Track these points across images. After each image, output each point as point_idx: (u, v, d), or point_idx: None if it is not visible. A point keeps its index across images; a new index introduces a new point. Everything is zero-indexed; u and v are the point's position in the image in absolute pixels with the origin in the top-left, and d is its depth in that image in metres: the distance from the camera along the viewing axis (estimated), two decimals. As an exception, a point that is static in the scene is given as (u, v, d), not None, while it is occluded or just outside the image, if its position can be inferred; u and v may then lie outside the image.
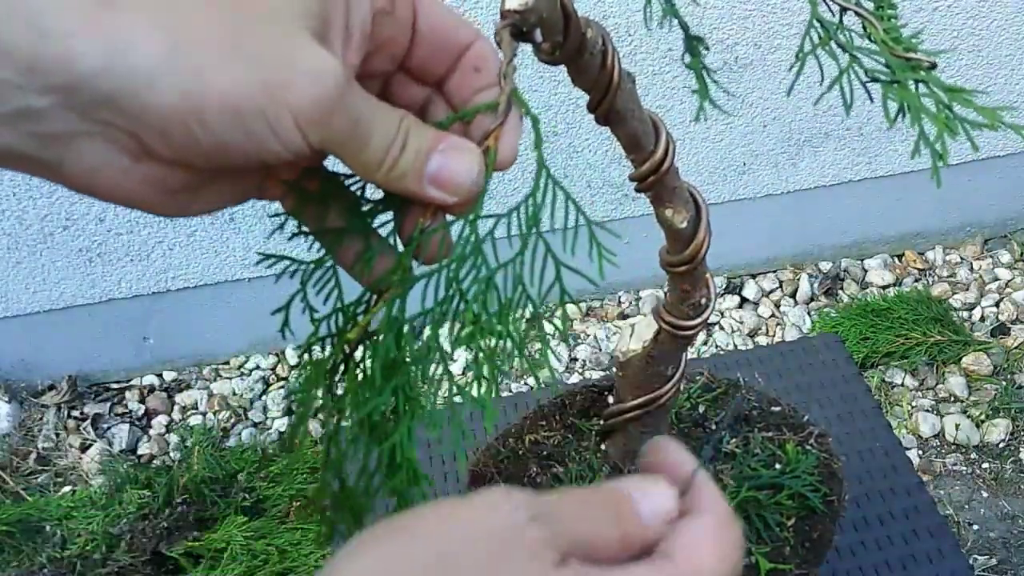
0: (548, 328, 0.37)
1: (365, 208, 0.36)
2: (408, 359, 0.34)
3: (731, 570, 0.33)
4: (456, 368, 1.76)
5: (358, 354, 0.36)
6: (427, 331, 0.33)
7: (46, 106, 0.29)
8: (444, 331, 0.35)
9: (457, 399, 0.35)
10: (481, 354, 0.38)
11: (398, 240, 0.36)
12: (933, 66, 0.36)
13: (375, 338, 0.35)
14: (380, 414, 0.34)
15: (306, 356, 0.37)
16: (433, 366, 0.35)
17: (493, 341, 0.38)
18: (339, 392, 0.36)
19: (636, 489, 0.35)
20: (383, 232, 0.37)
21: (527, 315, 0.38)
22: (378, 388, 0.34)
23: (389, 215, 0.36)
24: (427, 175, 0.34)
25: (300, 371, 0.36)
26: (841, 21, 0.40)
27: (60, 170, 0.31)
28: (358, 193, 0.37)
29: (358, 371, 0.36)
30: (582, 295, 1.98)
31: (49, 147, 0.30)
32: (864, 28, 0.39)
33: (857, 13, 0.39)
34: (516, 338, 0.38)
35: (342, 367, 0.36)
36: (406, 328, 0.34)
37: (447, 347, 0.35)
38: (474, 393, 0.35)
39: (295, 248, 0.39)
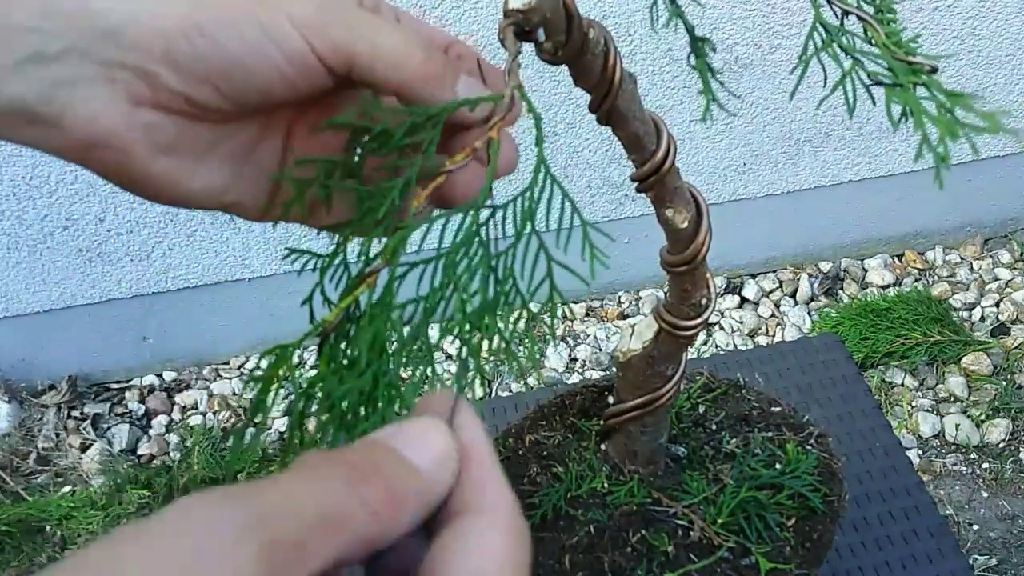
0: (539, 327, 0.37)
1: (365, 197, 0.36)
2: (394, 344, 0.34)
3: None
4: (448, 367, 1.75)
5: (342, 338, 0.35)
6: (417, 317, 0.33)
7: (58, 50, 0.30)
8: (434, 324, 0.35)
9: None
10: (466, 348, 0.38)
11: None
12: (934, 70, 0.36)
13: (360, 321, 0.35)
14: (354, 401, 0.34)
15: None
16: (418, 354, 0.34)
17: (478, 336, 0.38)
18: (312, 376, 0.36)
19: (396, 436, 0.27)
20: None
21: (520, 315, 0.38)
22: (358, 371, 0.33)
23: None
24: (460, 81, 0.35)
25: (268, 356, 0.35)
26: (843, 24, 0.40)
27: (60, 122, 0.31)
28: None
29: (337, 355, 0.35)
30: (582, 295, 1.98)
31: (54, 95, 0.31)
32: (865, 32, 0.39)
33: (859, 17, 0.39)
34: (505, 335, 0.38)
35: (317, 350, 0.36)
36: (395, 314, 0.34)
37: (435, 337, 0.34)
38: (455, 386, 0.35)
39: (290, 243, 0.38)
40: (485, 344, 0.39)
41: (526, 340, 0.38)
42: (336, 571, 0.24)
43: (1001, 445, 1.68)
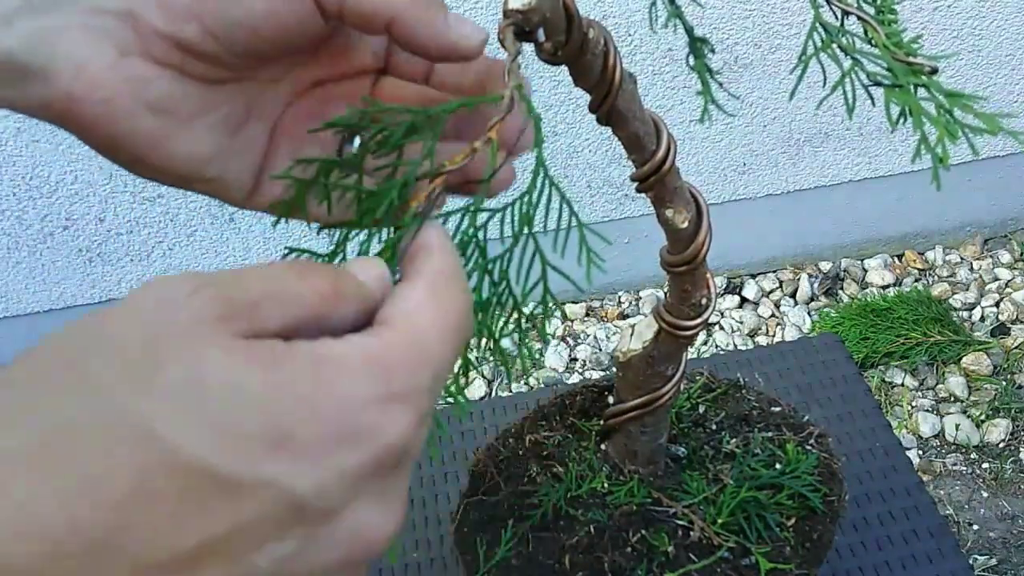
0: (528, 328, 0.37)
1: (364, 197, 0.36)
2: None
3: (457, 328, 0.29)
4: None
5: None
6: None
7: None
8: None
9: None
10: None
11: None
12: (934, 71, 0.36)
13: None
14: None
15: None
16: None
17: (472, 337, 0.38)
18: None
19: (342, 265, 0.30)
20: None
21: (512, 315, 0.38)
22: None
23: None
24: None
25: None
26: (842, 24, 0.40)
27: (46, 74, 0.31)
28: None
29: None
30: (581, 295, 1.98)
31: (40, 45, 0.30)
32: (865, 32, 0.39)
33: (859, 17, 0.39)
34: (496, 334, 0.38)
35: None
36: None
37: None
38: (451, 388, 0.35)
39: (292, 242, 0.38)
40: (479, 344, 0.39)
41: (522, 341, 0.38)
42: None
43: (1001, 445, 1.68)
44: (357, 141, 0.37)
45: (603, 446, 0.74)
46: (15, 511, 0.21)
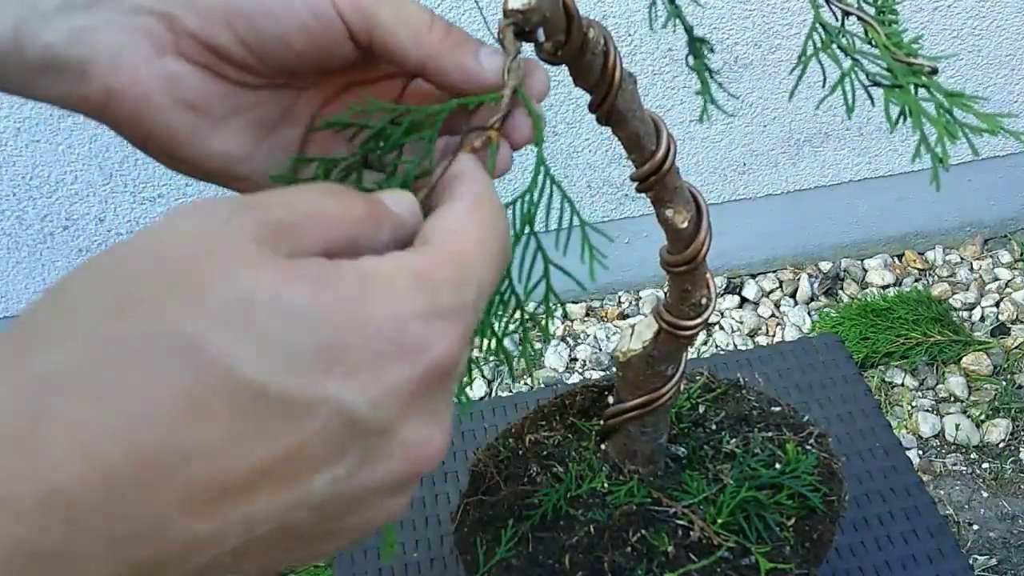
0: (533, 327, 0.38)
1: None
2: None
3: (498, 250, 0.29)
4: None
5: None
6: None
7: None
8: None
9: None
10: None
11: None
12: (934, 71, 0.36)
13: None
14: None
15: None
16: None
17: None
18: None
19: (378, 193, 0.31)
20: None
21: (514, 314, 0.38)
22: None
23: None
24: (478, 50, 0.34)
25: None
26: (843, 25, 0.40)
27: (85, 70, 0.32)
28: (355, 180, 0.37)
29: None
30: (582, 295, 1.98)
31: (79, 42, 0.31)
32: (865, 32, 0.39)
33: (859, 17, 0.39)
34: (499, 334, 0.38)
35: None
36: None
37: None
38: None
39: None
40: (481, 343, 0.39)
41: (525, 340, 0.38)
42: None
43: (1001, 445, 1.68)
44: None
45: (603, 446, 0.74)
46: (66, 431, 0.20)
